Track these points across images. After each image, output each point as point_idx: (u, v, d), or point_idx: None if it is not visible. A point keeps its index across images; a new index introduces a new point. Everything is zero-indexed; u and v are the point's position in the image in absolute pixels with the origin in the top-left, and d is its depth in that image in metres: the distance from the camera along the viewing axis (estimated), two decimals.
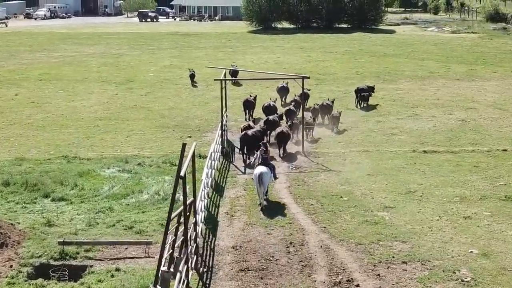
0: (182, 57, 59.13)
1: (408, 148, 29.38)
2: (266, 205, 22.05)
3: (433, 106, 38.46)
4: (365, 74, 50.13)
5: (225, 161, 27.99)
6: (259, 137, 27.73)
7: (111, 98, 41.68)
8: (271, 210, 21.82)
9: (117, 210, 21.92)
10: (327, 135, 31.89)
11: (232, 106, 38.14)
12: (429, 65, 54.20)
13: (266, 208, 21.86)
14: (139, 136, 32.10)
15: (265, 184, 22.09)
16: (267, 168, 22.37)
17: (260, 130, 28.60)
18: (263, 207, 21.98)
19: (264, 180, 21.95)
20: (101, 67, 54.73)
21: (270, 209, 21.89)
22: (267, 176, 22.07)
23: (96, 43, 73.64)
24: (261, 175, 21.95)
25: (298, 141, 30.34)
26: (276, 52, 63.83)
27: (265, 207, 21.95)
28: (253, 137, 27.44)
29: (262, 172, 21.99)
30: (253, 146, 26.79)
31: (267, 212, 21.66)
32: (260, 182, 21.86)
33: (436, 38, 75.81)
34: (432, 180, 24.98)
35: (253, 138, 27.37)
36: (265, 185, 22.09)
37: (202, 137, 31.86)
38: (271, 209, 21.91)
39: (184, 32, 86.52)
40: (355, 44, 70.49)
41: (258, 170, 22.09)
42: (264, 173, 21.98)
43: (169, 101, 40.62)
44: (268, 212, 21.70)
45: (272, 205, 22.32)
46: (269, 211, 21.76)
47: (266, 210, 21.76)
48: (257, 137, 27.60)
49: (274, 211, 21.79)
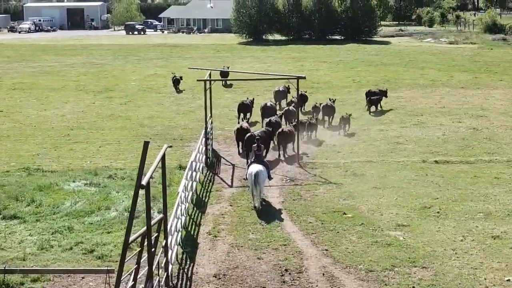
0: (167, 67, 55.65)
1: (417, 158, 25.92)
2: (261, 208, 19.89)
3: (439, 114, 35.08)
4: (362, 82, 46.80)
5: (209, 172, 24.45)
6: (265, 138, 25.18)
7: (87, 107, 38.11)
8: (262, 230, 18.28)
9: (78, 230, 18.32)
10: (327, 144, 28.43)
11: (219, 115, 34.75)
12: (430, 73, 50.92)
13: (257, 230, 18.32)
14: (113, 147, 28.51)
15: (261, 184, 19.83)
16: (262, 166, 20.11)
17: (265, 131, 26.05)
18: (258, 210, 19.73)
19: (260, 179, 19.66)
20: (80, 76, 51.18)
21: (261, 230, 18.34)
22: (264, 175, 19.89)
23: (78, 54, 70.12)
24: (257, 174, 19.60)
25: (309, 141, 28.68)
26: (267, 62, 60.54)
27: (259, 210, 19.71)
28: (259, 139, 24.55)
29: (258, 171, 19.67)
30: None
31: (258, 232, 18.11)
32: (255, 181, 19.55)
33: (434, 48, 72.74)
34: (449, 193, 21.51)
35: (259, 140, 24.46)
36: (261, 185, 19.80)
37: (185, 147, 28.33)
38: (262, 228, 18.37)
39: (171, 44, 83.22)
40: (350, 54, 67.28)
41: (253, 169, 19.76)
42: (260, 171, 19.70)
43: (151, 110, 37.09)
44: (259, 231, 18.16)
45: (264, 214, 18.81)
46: (260, 231, 18.21)
47: (256, 231, 18.21)
48: (263, 138, 24.77)
49: (265, 230, 18.26)
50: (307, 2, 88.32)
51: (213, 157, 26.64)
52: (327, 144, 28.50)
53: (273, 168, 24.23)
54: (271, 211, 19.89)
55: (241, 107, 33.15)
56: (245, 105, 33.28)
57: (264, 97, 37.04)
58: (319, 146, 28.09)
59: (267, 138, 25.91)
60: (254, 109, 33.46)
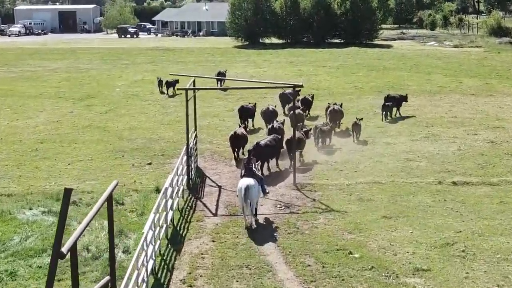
0: (157, 72, 52.02)
1: (432, 179, 22.46)
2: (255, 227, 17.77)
3: (451, 124, 31.64)
4: (365, 89, 43.39)
5: (190, 197, 20.97)
6: (274, 147, 23.33)
7: (63, 117, 34.62)
8: (249, 277, 14.80)
9: (22, 277, 14.86)
10: (327, 160, 24.98)
11: (207, 126, 31.40)
12: (437, 79, 47.49)
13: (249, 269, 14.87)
14: (84, 164, 25.03)
15: (253, 199, 17.80)
16: (253, 180, 18.04)
17: (275, 138, 23.76)
18: (251, 228, 17.64)
19: (251, 194, 17.62)
20: (61, 82, 47.68)
21: (247, 276, 14.87)
22: (254, 189, 17.81)
23: (65, 58, 66.70)
24: (247, 189, 17.52)
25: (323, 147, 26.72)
26: (262, 66, 57.13)
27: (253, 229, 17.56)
28: (266, 148, 22.95)
29: (248, 185, 17.60)
30: (267, 158, 23.20)
31: (244, 279, 14.64)
32: (246, 197, 17.46)
33: (438, 52, 69.32)
34: (473, 225, 18.07)
35: (267, 149, 22.95)
36: (253, 201, 17.79)
37: (166, 164, 24.85)
38: (249, 274, 14.90)
39: (164, 48, 79.86)
40: (350, 58, 63.86)
41: (243, 183, 17.78)
42: (250, 186, 17.66)
43: (133, 120, 33.62)
44: (245, 278, 14.70)
45: (253, 253, 15.36)
46: (246, 278, 14.74)
47: (242, 278, 14.75)
48: (272, 147, 23.19)
49: (253, 276, 14.80)
50: (305, 4, 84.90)
51: (197, 177, 23.17)
52: (328, 161, 25.04)
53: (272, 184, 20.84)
54: (261, 249, 16.42)
55: (242, 111, 30.68)
56: (245, 109, 30.91)
57: (260, 104, 33.51)
58: (318, 165, 24.60)
59: (276, 147, 23.31)
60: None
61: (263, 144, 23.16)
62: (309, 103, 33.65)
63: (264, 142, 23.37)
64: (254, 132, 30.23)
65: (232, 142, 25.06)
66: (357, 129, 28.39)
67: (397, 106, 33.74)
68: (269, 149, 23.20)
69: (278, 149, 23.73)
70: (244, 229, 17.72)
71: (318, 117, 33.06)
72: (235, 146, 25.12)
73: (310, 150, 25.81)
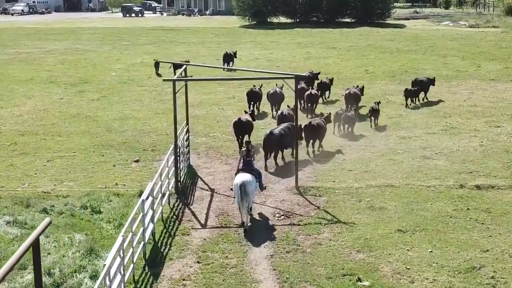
0: (157, 54, 49.49)
1: (452, 181, 19.87)
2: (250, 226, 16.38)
3: (471, 115, 28.98)
4: (376, 73, 40.68)
5: (178, 203, 18.50)
6: (288, 135, 21.23)
7: (52, 104, 32.17)
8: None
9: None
10: (335, 158, 22.44)
11: (205, 116, 29.06)
12: (454, 62, 44.67)
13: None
14: (65, 161, 22.58)
15: (250, 196, 16.34)
16: (251, 175, 16.59)
17: (289, 127, 21.76)
18: (246, 229, 16.07)
19: (248, 191, 16.16)
20: (56, 65, 45.16)
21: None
22: (252, 185, 16.39)
23: (64, 39, 64.17)
24: (244, 186, 16.08)
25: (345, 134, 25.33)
26: (269, 48, 54.37)
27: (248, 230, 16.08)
28: (280, 137, 21.19)
29: (244, 182, 16.18)
30: (281, 148, 21.62)
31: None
32: (242, 194, 16.04)
33: (453, 32, 66.23)
34: (503, 241, 15.53)
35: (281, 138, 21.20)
36: (249, 198, 16.30)
37: (155, 161, 22.37)
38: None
39: (169, 27, 77.14)
40: (362, 39, 60.98)
41: (239, 179, 16.35)
42: (247, 182, 16.21)
43: (126, 108, 31.14)
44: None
45: (243, 277, 12.95)
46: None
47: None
48: (286, 135, 21.25)
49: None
50: None
51: (188, 177, 20.68)
52: (336, 158, 22.49)
53: (278, 181, 18.37)
54: (254, 274, 13.95)
55: (251, 95, 28.97)
56: (254, 93, 29.11)
57: (267, 86, 30.92)
58: (324, 163, 22.04)
59: (291, 135, 21.19)
60: None
61: (277, 133, 21.16)
62: (327, 86, 31.93)
63: (278, 130, 21.43)
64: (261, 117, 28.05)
65: (235, 129, 23.28)
66: (375, 115, 26.72)
67: (425, 90, 31.83)
68: (284, 139, 21.20)
69: (293, 138, 21.37)
70: (235, 247, 15.26)
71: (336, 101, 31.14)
72: (240, 134, 23.13)
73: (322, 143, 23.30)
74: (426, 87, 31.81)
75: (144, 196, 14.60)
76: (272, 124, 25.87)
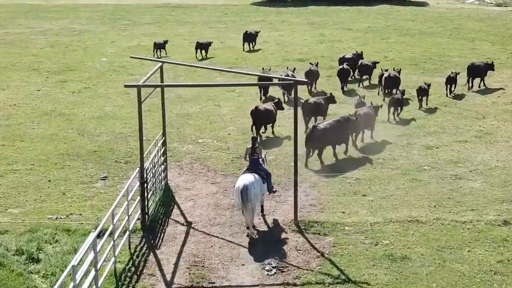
0: (157, 35, 45.23)
1: (492, 215, 15.70)
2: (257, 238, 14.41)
3: (508, 115, 24.67)
4: (396, 60, 36.22)
5: (142, 246, 14.47)
6: (335, 131, 19.43)
7: (26, 98, 28.18)
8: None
9: None
10: (345, 175, 18.29)
11: (196, 115, 24.87)
12: (483, 48, 40.06)
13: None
14: (18, 177, 18.60)
15: (253, 201, 14.34)
16: (256, 176, 14.66)
17: (339, 120, 19.91)
18: (251, 240, 14.25)
19: (250, 196, 14.21)
20: (44, 49, 41.07)
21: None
22: (255, 189, 14.38)
23: (63, 17, 59.93)
24: (245, 190, 14.17)
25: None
26: (280, 29, 49.88)
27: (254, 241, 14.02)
28: (325, 131, 19.15)
29: (246, 185, 14.26)
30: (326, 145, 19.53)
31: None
32: (245, 200, 14.11)
33: (480, 12, 61.25)
34: None
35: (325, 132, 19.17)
36: (253, 203, 14.30)
37: (125, 178, 18.27)
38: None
39: (175, 4, 72.67)
40: (380, 19, 56.24)
41: (241, 182, 14.48)
42: (249, 186, 14.28)
43: (108, 103, 27.12)
44: None
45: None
46: None
47: None
48: (332, 131, 19.30)
49: None
50: None
51: (160, 205, 16.62)
52: (347, 177, 18.35)
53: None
54: None
55: (309, 74, 27.97)
56: (313, 72, 28.31)
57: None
58: (333, 184, 17.89)
59: (340, 130, 19.66)
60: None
61: (321, 128, 19.18)
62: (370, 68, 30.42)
63: (323, 125, 19.44)
64: None
65: (253, 117, 21.81)
66: (396, 106, 24.05)
67: (482, 77, 29.25)
68: (329, 134, 19.17)
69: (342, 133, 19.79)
70: None
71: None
72: (258, 124, 21.77)
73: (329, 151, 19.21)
74: (483, 74, 29.29)
75: (89, 241, 10.60)
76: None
